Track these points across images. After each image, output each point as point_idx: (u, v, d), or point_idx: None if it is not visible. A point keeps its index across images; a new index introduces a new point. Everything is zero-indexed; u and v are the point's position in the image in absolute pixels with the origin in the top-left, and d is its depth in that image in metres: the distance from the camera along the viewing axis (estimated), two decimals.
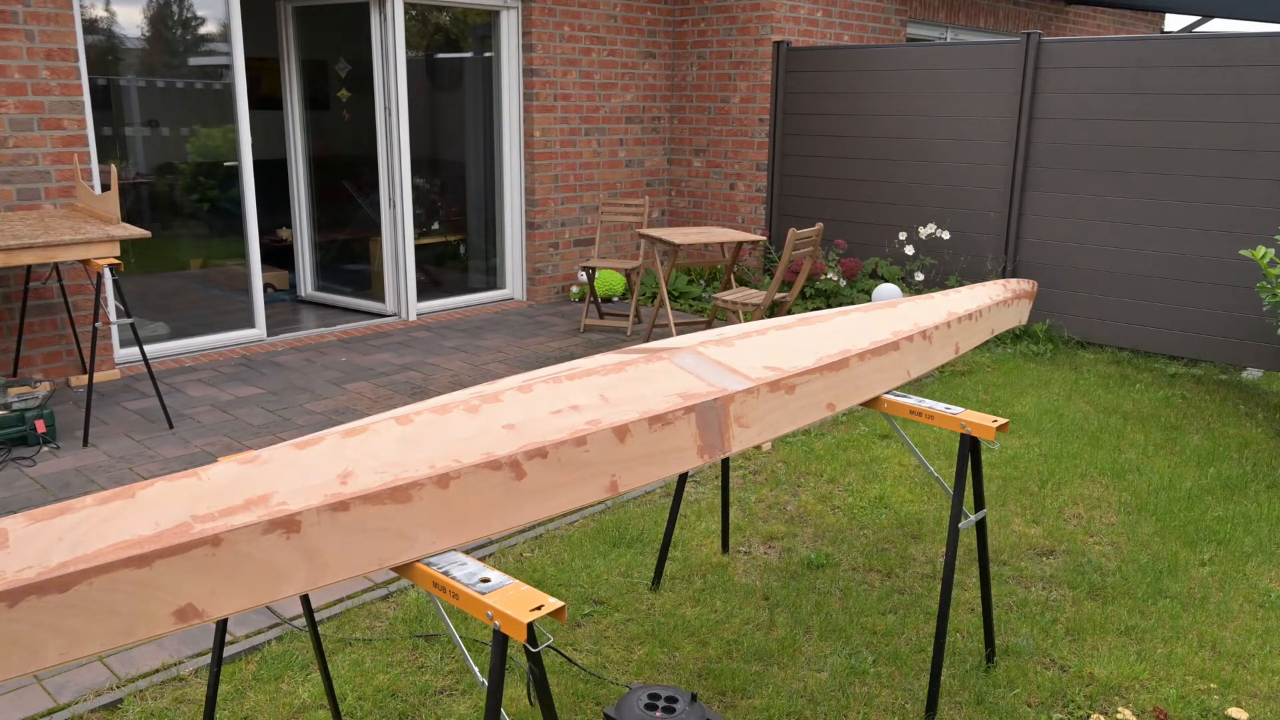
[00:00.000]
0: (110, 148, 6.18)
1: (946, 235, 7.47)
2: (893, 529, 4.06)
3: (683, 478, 3.49)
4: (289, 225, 8.54)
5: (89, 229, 4.76)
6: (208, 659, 3.06)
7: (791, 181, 8.43)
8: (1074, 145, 6.87)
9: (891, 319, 3.04)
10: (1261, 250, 5.34)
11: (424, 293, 7.89)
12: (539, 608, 1.68)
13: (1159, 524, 4.13)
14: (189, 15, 6.26)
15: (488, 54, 7.95)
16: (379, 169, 7.46)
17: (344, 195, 7.92)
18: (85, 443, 4.85)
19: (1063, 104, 6.87)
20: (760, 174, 8.51)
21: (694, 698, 2.35)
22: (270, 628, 3.23)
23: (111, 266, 4.94)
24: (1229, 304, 6.41)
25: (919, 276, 7.58)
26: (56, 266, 5.59)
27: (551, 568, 3.68)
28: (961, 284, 7.50)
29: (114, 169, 5.46)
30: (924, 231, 7.52)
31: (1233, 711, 2.86)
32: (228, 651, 3.10)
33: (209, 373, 6.10)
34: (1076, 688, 2.98)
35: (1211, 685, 3.01)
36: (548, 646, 3.15)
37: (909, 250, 7.62)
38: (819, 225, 6.18)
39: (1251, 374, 6.39)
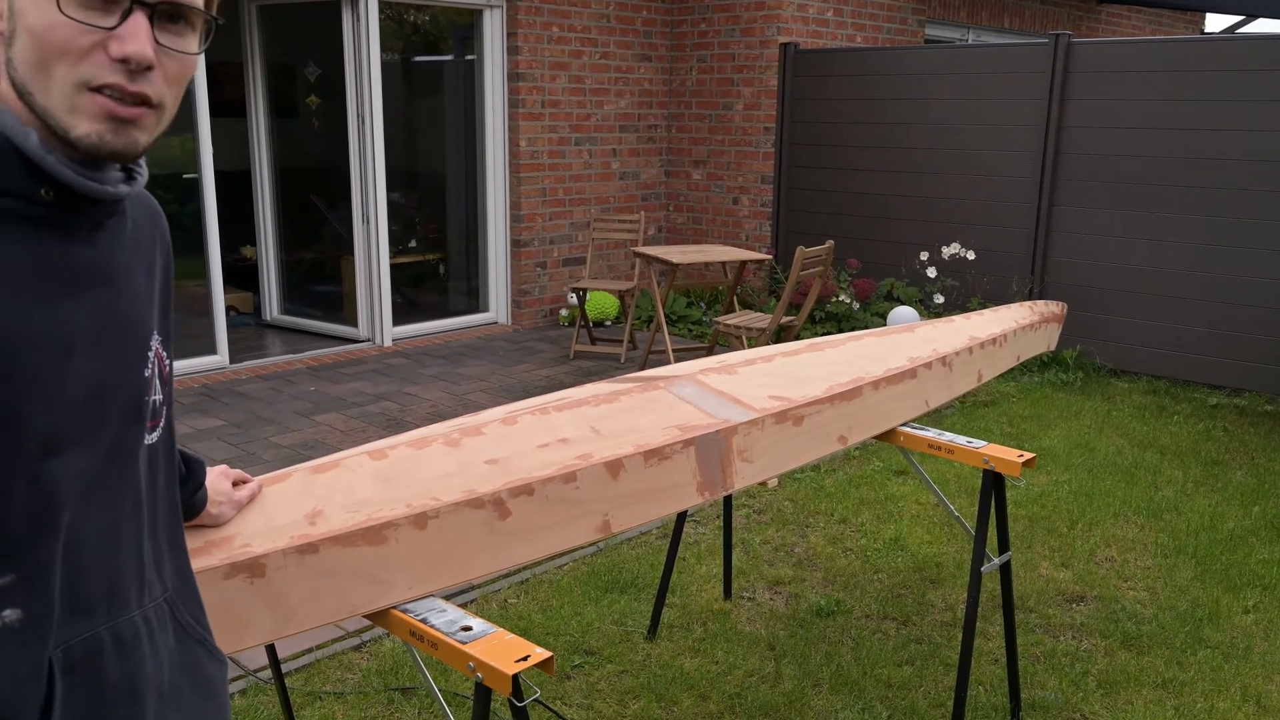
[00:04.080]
0: None
1: (971, 255, 7.51)
2: (910, 573, 4.08)
3: (681, 517, 3.51)
4: (253, 243, 8.58)
5: None
6: None
7: (799, 195, 8.49)
8: (1107, 156, 6.93)
9: (908, 344, 3.07)
10: None
11: (400, 316, 7.92)
12: (525, 658, 1.69)
13: (1199, 567, 4.14)
14: None
15: (469, 57, 8.03)
16: (351, 182, 7.51)
17: (313, 210, 7.96)
18: None
19: (1094, 111, 6.93)
20: (766, 187, 8.57)
21: None
22: (233, 680, 3.23)
23: None
24: (1275, 328, 6.45)
25: (938, 299, 7.63)
26: None
27: (539, 615, 3.69)
28: (984, 306, 7.55)
29: None
30: (947, 251, 7.56)
31: None
32: None
33: None
34: None
35: None
36: (534, 701, 3.15)
37: (931, 272, 7.66)
38: (829, 243, 6.22)
39: None
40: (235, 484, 1.72)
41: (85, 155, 1.01)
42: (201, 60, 6.46)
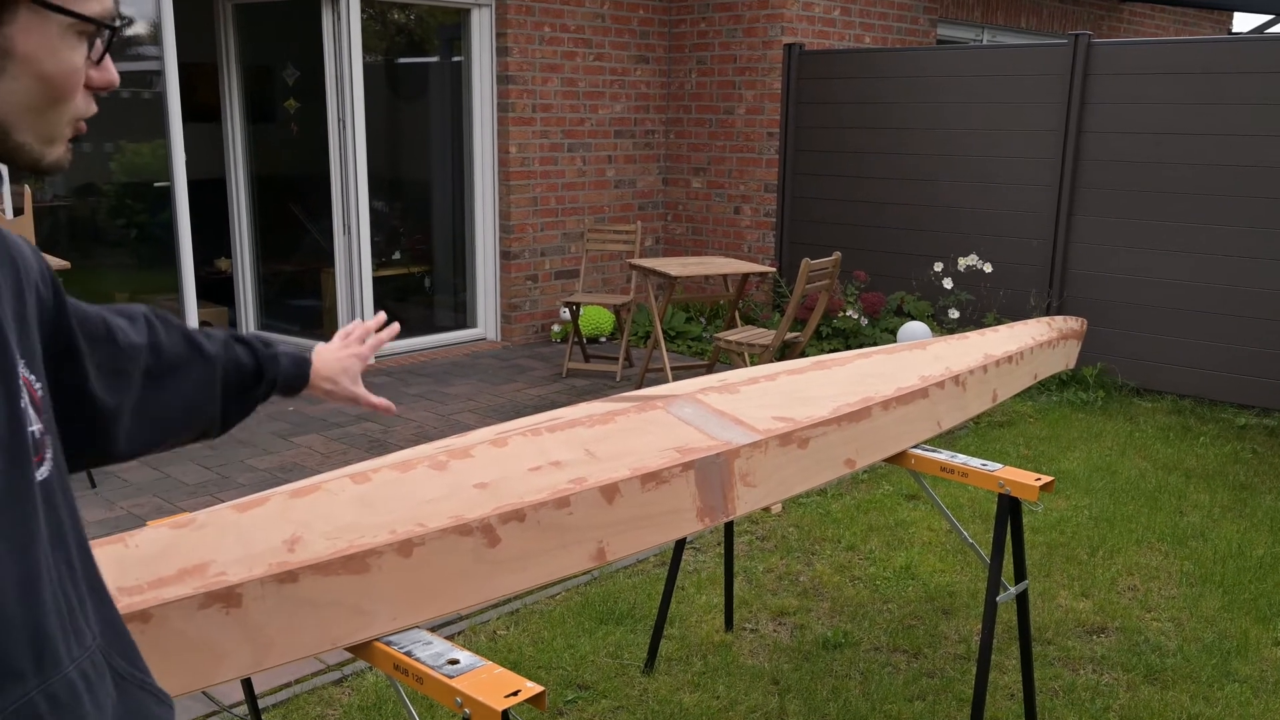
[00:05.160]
0: None
1: (989, 268, 7.53)
2: (921, 603, 4.08)
3: (680, 544, 3.52)
4: (228, 255, 8.59)
5: None
6: None
7: (804, 205, 8.52)
8: (1129, 163, 6.96)
9: (919, 362, 3.09)
10: None
11: None
12: (515, 693, 1.70)
13: (1226, 597, 4.15)
14: None
15: (456, 58, 8.06)
16: (332, 190, 7.53)
17: (292, 220, 7.98)
18: None
19: (1116, 116, 6.97)
20: (769, 196, 8.60)
21: None
22: (207, 716, 3.24)
23: None
24: None
25: (953, 314, 7.65)
26: None
27: (530, 647, 3.69)
28: (1000, 322, 7.57)
29: (28, 190, 5.52)
30: (964, 262, 7.58)
31: None
32: None
33: None
34: None
35: None
36: None
37: (947, 283, 7.68)
38: (836, 255, 6.24)
39: None
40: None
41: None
42: (174, 62, 6.50)
